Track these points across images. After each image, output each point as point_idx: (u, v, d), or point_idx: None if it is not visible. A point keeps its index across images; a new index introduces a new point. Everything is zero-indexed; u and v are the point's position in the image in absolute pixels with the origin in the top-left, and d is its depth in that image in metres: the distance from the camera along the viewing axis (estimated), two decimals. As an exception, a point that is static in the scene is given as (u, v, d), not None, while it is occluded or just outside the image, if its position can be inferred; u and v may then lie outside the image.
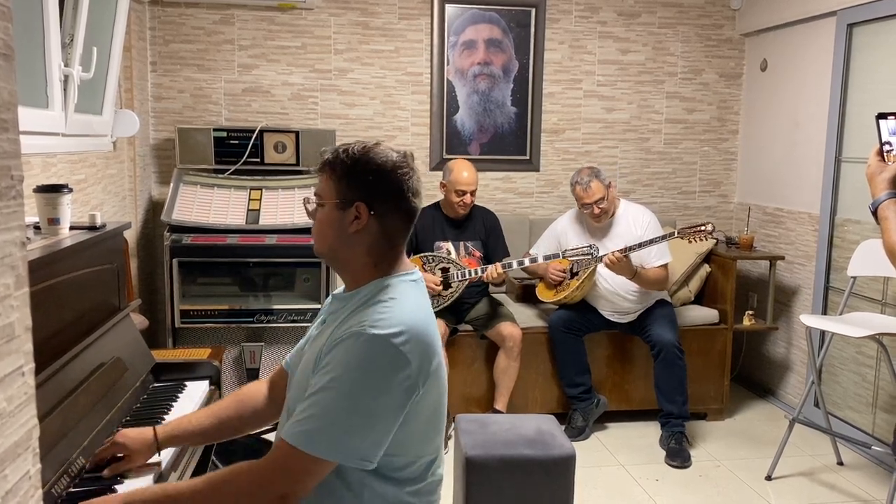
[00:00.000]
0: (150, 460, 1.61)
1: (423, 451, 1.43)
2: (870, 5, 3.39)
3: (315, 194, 1.47)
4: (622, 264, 3.29)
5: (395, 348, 1.30)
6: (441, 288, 3.47)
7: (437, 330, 1.44)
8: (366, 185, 1.41)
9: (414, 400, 1.34)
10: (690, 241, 3.37)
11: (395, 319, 1.33)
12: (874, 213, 1.64)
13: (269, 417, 1.68)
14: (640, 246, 3.33)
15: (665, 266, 3.47)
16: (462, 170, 3.53)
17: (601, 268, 3.48)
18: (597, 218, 3.48)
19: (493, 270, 3.41)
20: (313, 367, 1.37)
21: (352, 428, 1.28)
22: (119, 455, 1.57)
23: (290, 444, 1.27)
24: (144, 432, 1.60)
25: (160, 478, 1.60)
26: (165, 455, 1.66)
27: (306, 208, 1.50)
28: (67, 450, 1.52)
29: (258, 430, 3.23)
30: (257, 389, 1.70)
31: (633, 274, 3.36)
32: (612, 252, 3.30)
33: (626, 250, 3.31)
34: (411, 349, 1.31)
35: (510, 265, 3.50)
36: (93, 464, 1.56)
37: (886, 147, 1.68)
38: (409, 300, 1.40)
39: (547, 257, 3.52)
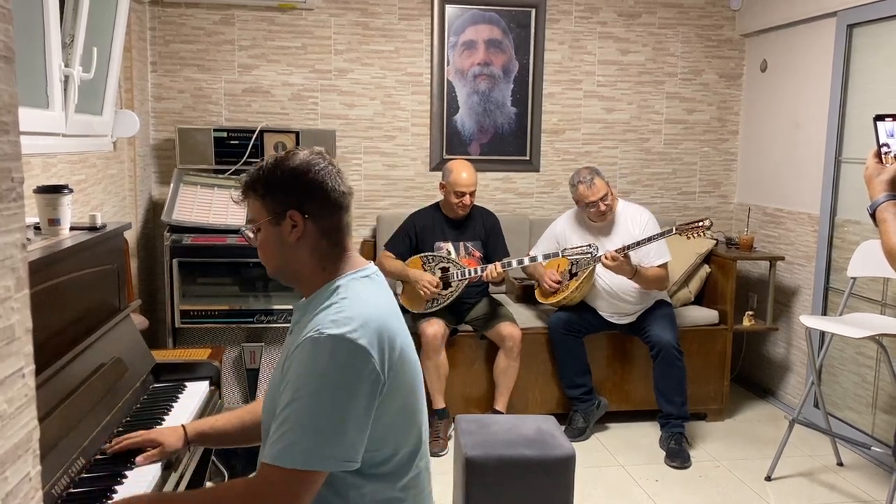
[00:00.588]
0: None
1: (401, 443, 1.42)
2: (870, 6, 3.39)
3: (248, 222, 1.48)
4: (621, 264, 3.29)
5: (353, 343, 1.30)
6: (439, 289, 3.47)
7: (398, 319, 1.44)
8: (291, 192, 1.42)
9: (381, 391, 1.34)
10: (689, 238, 3.36)
11: (348, 316, 1.33)
12: (872, 215, 1.64)
13: None
14: (639, 244, 3.32)
15: (665, 265, 3.47)
16: (461, 171, 3.52)
17: (600, 268, 3.48)
18: (602, 216, 3.47)
19: (493, 270, 3.41)
20: (278, 381, 1.37)
21: (327, 433, 1.28)
22: (147, 449, 1.62)
23: (273, 464, 1.27)
24: (176, 430, 1.67)
25: (169, 463, 1.64)
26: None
27: (246, 238, 1.50)
28: (68, 451, 1.52)
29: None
30: None
31: (633, 273, 3.35)
32: (609, 251, 3.29)
33: (625, 249, 3.31)
34: (369, 341, 1.31)
35: (510, 264, 3.50)
36: (116, 450, 1.61)
37: (884, 149, 1.68)
38: (361, 295, 1.40)
39: (546, 256, 3.51)
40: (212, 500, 1.33)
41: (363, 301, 1.38)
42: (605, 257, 3.31)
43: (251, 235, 1.48)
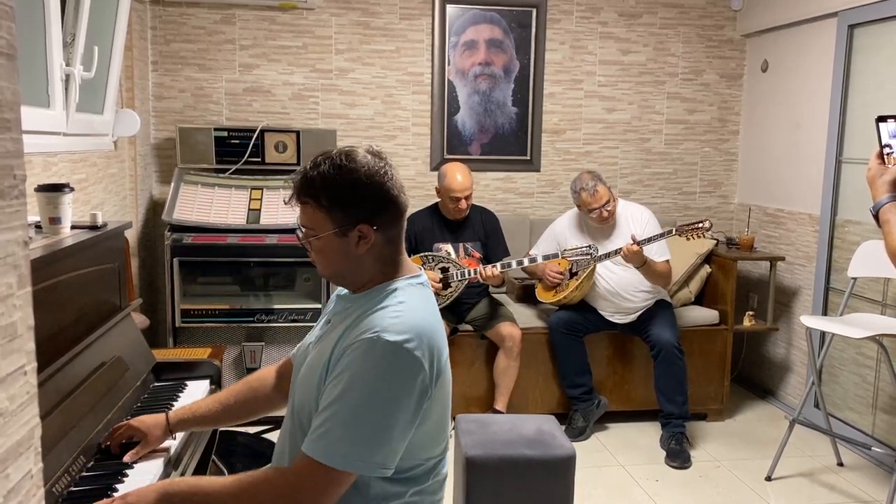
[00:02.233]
0: (164, 444, 1.66)
1: (431, 453, 1.43)
2: (871, 6, 3.39)
3: (304, 227, 1.41)
4: (637, 253, 3.26)
5: (410, 353, 1.30)
6: (439, 286, 3.47)
7: (443, 331, 1.44)
8: (361, 205, 1.38)
9: (427, 403, 1.35)
10: (688, 239, 3.36)
11: (407, 324, 1.32)
12: (875, 216, 1.63)
13: (275, 407, 1.70)
14: (650, 240, 3.30)
15: (666, 262, 3.48)
16: (455, 175, 3.50)
17: (601, 268, 3.48)
18: (604, 221, 3.47)
19: (485, 270, 3.39)
20: (322, 373, 1.36)
21: (371, 438, 1.28)
22: (134, 440, 1.63)
23: (312, 457, 1.27)
24: (157, 417, 1.67)
25: (170, 462, 1.65)
26: (164, 456, 1.67)
27: (301, 242, 1.45)
28: (69, 449, 1.52)
29: (259, 430, 3.24)
30: (266, 377, 1.71)
31: (644, 263, 3.33)
32: (628, 245, 3.25)
33: (644, 242, 3.27)
34: (423, 353, 1.32)
35: (509, 265, 3.50)
36: (106, 444, 1.63)
37: (887, 150, 1.67)
38: (418, 303, 1.40)
39: (546, 257, 3.51)
40: (247, 485, 1.32)
41: (421, 310, 1.38)
42: (625, 249, 3.25)
43: (308, 241, 1.42)
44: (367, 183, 1.38)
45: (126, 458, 1.59)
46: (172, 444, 1.74)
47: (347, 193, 1.37)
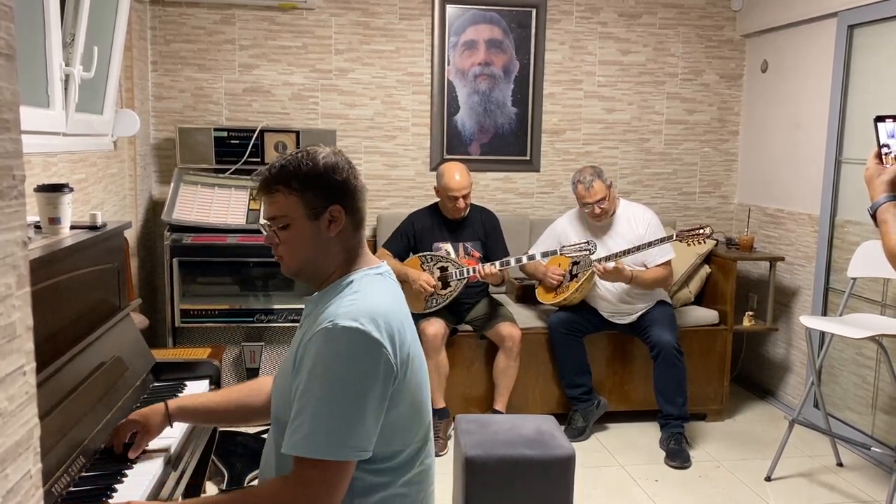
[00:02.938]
0: (163, 434, 1.69)
1: (408, 440, 1.44)
2: (870, 7, 3.39)
3: (272, 218, 1.45)
4: (615, 272, 3.31)
5: (367, 335, 1.32)
6: (436, 289, 3.46)
7: (407, 318, 1.46)
8: (330, 187, 1.43)
9: (394, 384, 1.36)
10: (689, 245, 3.38)
11: (361, 309, 1.35)
12: (873, 216, 1.64)
13: (267, 418, 1.69)
14: (628, 252, 3.35)
15: (668, 263, 3.48)
16: (453, 174, 3.50)
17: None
18: (597, 217, 3.49)
19: (489, 268, 3.39)
20: (290, 372, 1.39)
21: (343, 422, 1.30)
22: (135, 433, 1.65)
23: (297, 455, 1.29)
24: (156, 406, 1.69)
25: (169, 462, 1.67)
26: (163, 456, 1.67)
27: (266, 235, 1.48)
28: (68, 449, 1.52)
29: (259, 430, 3.23)
30: (263, 386, 1.73)
31: (630, 279, 3.37)
32: (601, 262, 3.31)
33: (615, 257, 3.34)
34: (381, 334, 1.33)
35: (507, 263, 3.49)
36: (110, 445, 1.65)
37: (885, 149, 1.67)
38: (374, 289, 1.43)
39: (545, 254, 3.51)
40: (251, 498, 1.35)
41: (376, 296, 1.41)
42: (597, 272, 3.33)
43: (275, 232, 1.45)
44: (334, 168, 1.44)
45: (131, 455, 1.61)
46: (172, 443, 1.74)
47: (319, 176, 1.43)
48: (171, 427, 1.71)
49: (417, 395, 1.45)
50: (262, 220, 1.48)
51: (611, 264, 3.33)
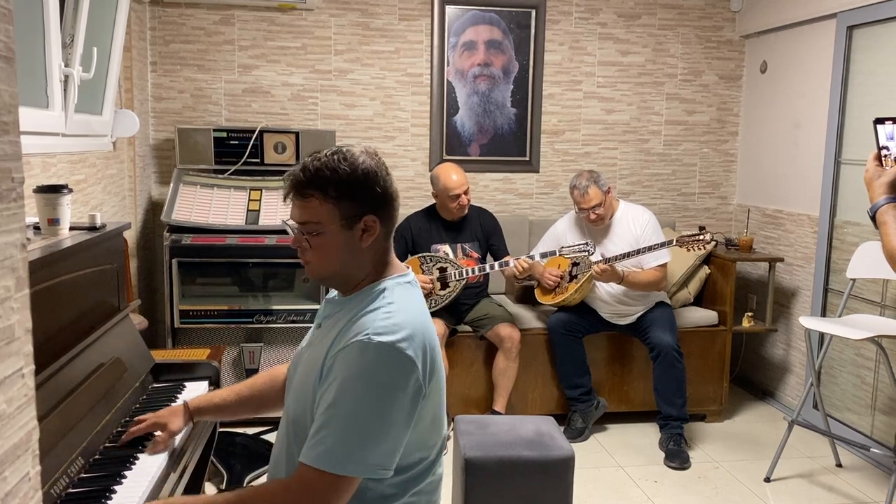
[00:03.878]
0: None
1: (426, 452, 1.43)
2: (870, 7, 3.40)
3: (303, 222, 1.39)
4: (608, 273, 3.33)
5: (402, 353, 1.29)
6: (434, 288, 3.46)
7: (434, 329, 1.44)
8: (367, 196, 1.38)
9: (422, 402, 1.34)
10: (689, 250, 3.39)
11: (397, 324, 1.32)
12: (873, 217, 1.64)
13: (281, 405, 1.71)
14: (627, 256, 3.36)
15: (663, 266, 3.48)
16: (449, 174, 3.51)
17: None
18: (593, 223, 3.50)
19: (520, 264, 3.40)
20: (316, 380, 1.36)
21: (368, 441, 1.27)
22: (154, 433, 1.69)
23: (312, 466, 1.27)
24: (175, 407, 1.75)
25: (174, 453, 1.71)
26: (163, 456, 1.67)
27: (295, 238, 1.43)
28: (67, 451, 1.52)
29: (258, 431, 3.23)
30: (281, 373, 1.72)
31: (621, 280, 3.38)
32: (598, 265, 3.33)
33: (611, 260, 3.35)
34: (416, 352, 1.31)
35: (507, 263, 3.50)
36: (123, 442, 1.68)
37: (884, 151, 1.68)
38: (408, 303, 1.40)
39: (544, 255, 3.51)
40: (249, 499, 1.33)
41: (410, 309, 1.38)
42: (595, 272, 3.34)
43: (306, 238, 1.40)
44: (372, 176, 1.39)
45: (148, 452, 1.65)
46: (172, 442, 1.73)
47: (357, 184, 1.38)
48: (193, 424, 1.76)
49: (438, 409, 1.44)
50: (291, 222, 1.42)
51: (605, 266, 3.34)
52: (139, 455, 1.65)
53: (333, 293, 1.52)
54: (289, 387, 1.52)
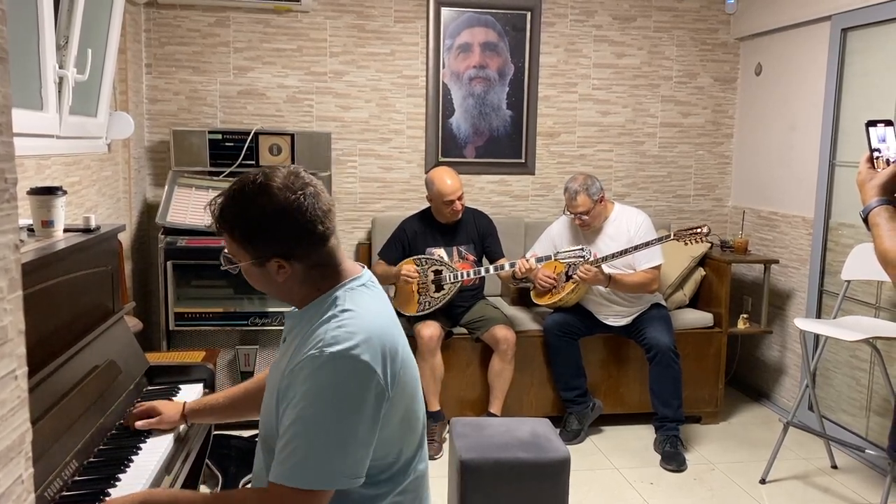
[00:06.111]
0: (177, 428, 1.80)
1: (402, 449, 1.42)
2: (864, 10, 3.41)
3: (226, 253, 1.42)
4: (595, 276, 3.34)
5: (357, 360, 1.28)
6: (418, 276, 3.46)
7: (396, 326, 1.43)
8: (273, 241, 1.34)
9: (385, 404, 1.33)
10: (686, 244, 3.38)
11: (350, 332, 1.31)
12: (865, 219, 1.64)
13: None
14: (614, 256, 3.36)
15: (654, 268, 3.47)
16: (444, 179, 3.50)
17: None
18: (581, 227, 3.52)
19: (522, 264, 3.40)
20: (277, 394, 1.36)
21: (334, 452, 1.27)
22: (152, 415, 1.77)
23: (283, 484, 1.26)
24: (176, 403, 1.81)
25: (178, 437, 1.79)
26: (161, 457, 1.67)
27: (226, 266, 1.44)
28: (61, 453, 1.51)
29: (253, 433, 3.22)
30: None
31: (608, 283, 3.39)
32: (582, 267, 3.33)
33: (598, 261, 3.36)
34: (373, 356, 1.30)
35: (502, 267, 3.51)
36: (122, 423, 1.77)
37: (876, 154, 1.68)
38: (361, 307, 1.38)
39: (539, 259, 3.51)
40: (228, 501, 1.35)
41: (363, 313, 1.36)
42: (580, 274, 3.33)
43: (232, 266, 1.43)
44: (278, 218, 1.33)
45: (138, 425, 1.74)
46: (168, 444, 1.73)
47: (257, 229, 1.35)
48: (187, 424, 1.81)
49: (411, 405, 1.42)
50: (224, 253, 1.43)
51: (591, 269, 3.34)
52: (133, 458, 1.64)
53: (293, 308, 1.50)
54: (263, 401, 1.52)
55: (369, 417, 1.30)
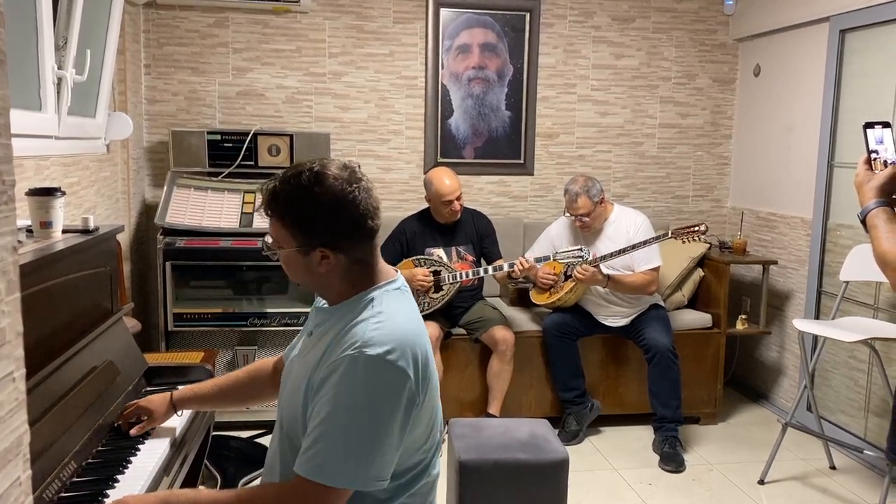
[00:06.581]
0: (169, 422, 1.81)
1: (422, 456, 1.43)
2: (862, 11, 3.41)
3: (271, 238, 1.42)
4: (592, 276, 3.34)
5: (393, 365, 1.29)
6: (431, 283, 3.46)
7: (426, 333, 1.44)
8: (323, 230, 1.35)
9: (416, 411, 1.34)
10: (684, 242, 3.38)
11: (388, 335, 1.31)
12: (863, 221, 1.64)
13: (270, 398, 1.75)
14: (612, 255, 3.36)
15: (653, 270, 3.47)
16: (442, 179, 3.51)
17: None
18: (581, 228, 3.52)
19: (520, 263, 3.40)
20: (307, 390, 1.36)
21: (364, 453, 1.28)
22: (142, 418, 1.76)
23: (306, 478, 1.27)
24: (163, 395, 1.80)
25: (174, 443, 1.79)
26: (160, 458, 1.66)
27: (266, 252, 1.46)
28: (59, 455, 1.51)
29: (252, 434, 3.23)
30: (264, 368, 1.75)
31: (605, 283, 3.39)
32: (580, 267, 3.32)
33: (596, 261, 3.36)
34: (408, 362, 1.31)
35: (501, 268, 3.51)
36: (117, 424, 1.76)
37: (873, 155, 1.68)
38: (397, 311, 1.39)
39: (538, 259, 3.51)
40: (240, 501, 1.34)
41: (399, 318, 1.37)
42: (577, 273, 3.33)
43: (272, 251, 1.44)
44: (332, 209, 1.35)
45: (133, 432, 1.73)
46: (166, 444, 1.73)
47: (310, 216, 1.35)
48: (180, 415, 1.81)
49: (433, 412, 1.44)
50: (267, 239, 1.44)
51: (589, 269, 3.34)
52: (132, 459, 1.64)
53: (321, 300, 1.51)
54: (281, 394, 1.52)
55: (400, 422, 1.31)
